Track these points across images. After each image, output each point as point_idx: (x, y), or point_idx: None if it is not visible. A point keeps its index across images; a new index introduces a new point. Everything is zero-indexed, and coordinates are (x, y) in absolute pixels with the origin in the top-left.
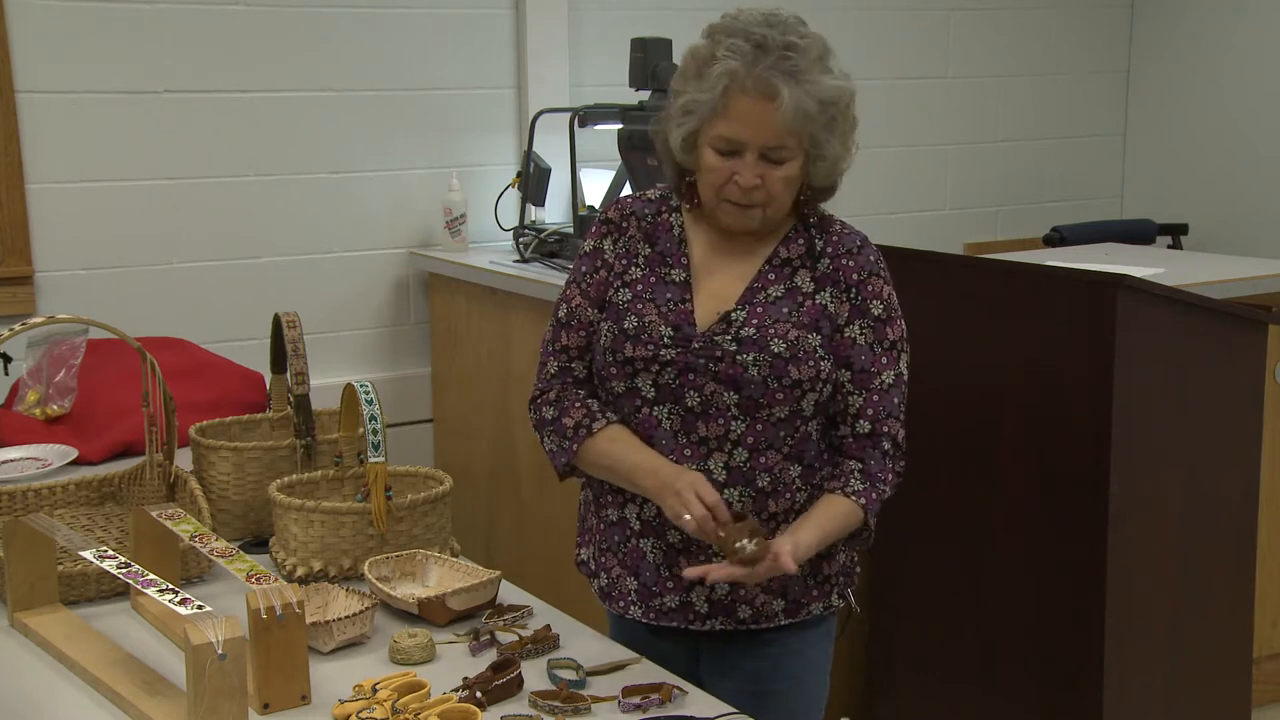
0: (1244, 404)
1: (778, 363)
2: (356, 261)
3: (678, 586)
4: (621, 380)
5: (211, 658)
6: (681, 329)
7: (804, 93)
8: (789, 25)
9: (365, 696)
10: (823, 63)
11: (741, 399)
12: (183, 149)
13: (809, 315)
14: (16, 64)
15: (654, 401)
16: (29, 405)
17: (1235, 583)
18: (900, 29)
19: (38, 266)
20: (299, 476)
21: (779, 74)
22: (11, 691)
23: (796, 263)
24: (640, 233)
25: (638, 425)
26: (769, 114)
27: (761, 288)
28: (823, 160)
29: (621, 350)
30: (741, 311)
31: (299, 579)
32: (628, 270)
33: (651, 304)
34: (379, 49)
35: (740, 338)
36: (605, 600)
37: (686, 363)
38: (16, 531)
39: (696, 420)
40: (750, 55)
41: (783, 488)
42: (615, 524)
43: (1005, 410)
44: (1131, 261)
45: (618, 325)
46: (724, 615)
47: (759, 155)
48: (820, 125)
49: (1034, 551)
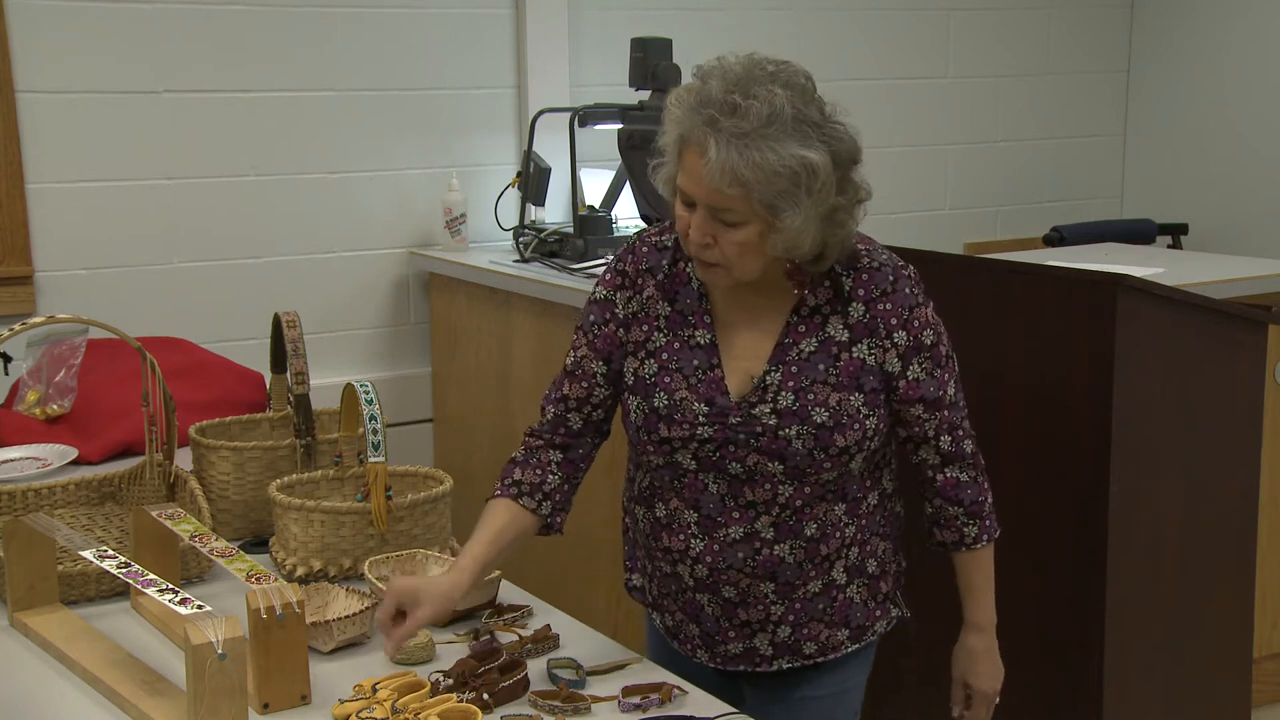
0: (1244, 404)
1: (822, 433)
2: (357, 261)
3: (739, 635)
4: (660, 456)
5: (211, 657)
6: (715, 402)
7: (739, 157)
8: (753, 78)
9: (365, 696)
10: (778, 128)
11: (788, 468)
12: (183, 149)
13: (847, 374)
14: (16, 64)
15: (698, 471)
16: (29, 405)
17: (1235, 583)
18: (900, 29)
19: (38, 266)
20: (299, 476)
21: (712, 131)
22: (12, 691)
23: (826, 309)
24: (658, 290)
25: (683, 490)
26: (703, 171)
27: (793, 343)
28: (781, 232)
29: (656, 431)
30: (776, 374)
31: (299, 579)
32: (650, 337)
33: (680, 375)
34: (379, 49)
35: (779, 409)
36: (672, 639)
37: (726, 437)
38: (16, 531)
39: (743, 486)
40: (692, 106)
41: (831, 529)
42: (670, 576)
43: (1005, 410)
44: (1131, 261)
45: (648, 403)
46: (790, 654)
47: (709, 213)
48: (773, 193)
49: (1034, 551)
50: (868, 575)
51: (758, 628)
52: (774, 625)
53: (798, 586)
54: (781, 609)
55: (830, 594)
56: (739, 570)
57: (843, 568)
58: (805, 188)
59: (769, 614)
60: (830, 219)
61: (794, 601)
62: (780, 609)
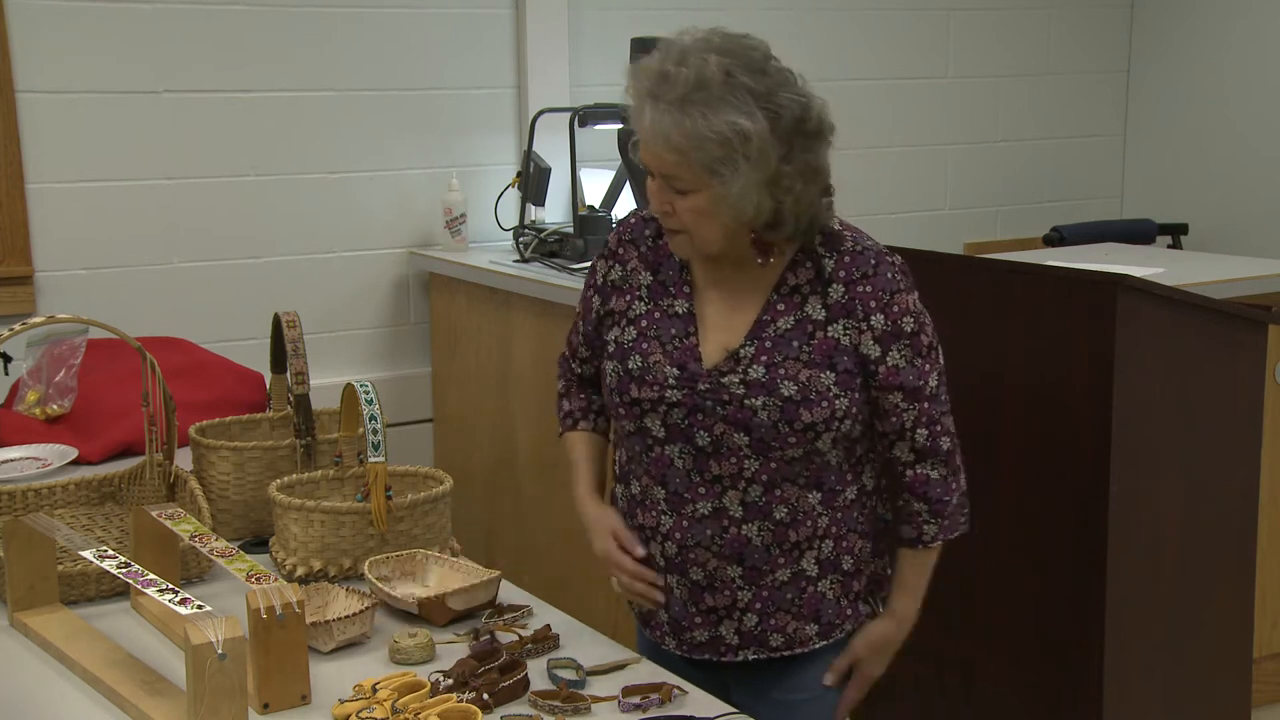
0: (1244, 404)
1: (788, 406)
2: (357, 261)
3: (706, 621)
4: (630, 420)
5: (211, 657)
6: (687, 368)
7: (671, 121)
8: (686, 51)
9: (365, 696)
10: (704, 94)
11: (752, 440)
12: (183, 149)
13: (820, 351)
14: (16, 64)
15: (665, 441)
16: (29, 405)
17: (1235, 583)
18: (900, 29)
19: (38, 266)
20: (299, 476)
21: (648, 100)
22: (12, 691)
23: (806, 289)
24: (640, 261)
25: (650, 464)
26: (645, 138)
27: (770, 320)
28: (725, 197)
29: (628, 391)
30: (750, 348)
31: (299, 579)
32: (631, 306)
33: (656, 341)
34: (379, 49)
35: (748, 380)
36: (645, 627)
37: (694, 404)
38: (16, 531)
39: (709, 459)
40: (633, 75)
41: (802, 516)
42: (643, 560)
43: (1005, 410)
44: (1131, 261)
45: (623, 365)
46: (756, 645)
47: (665, 182)
48: (710, 159)
49: (1034, 551)
50: (842, 572)
51: (724, 614)
52: (740, 613)
53: (765, 573)
54: (749, 595)
55: (799, 585)
56: (706, 549)
57: (814, 559)
58: (741, 153)
59: (735, 600)
60: (775, 185)
61: (761, 589)
62: (747, 595)
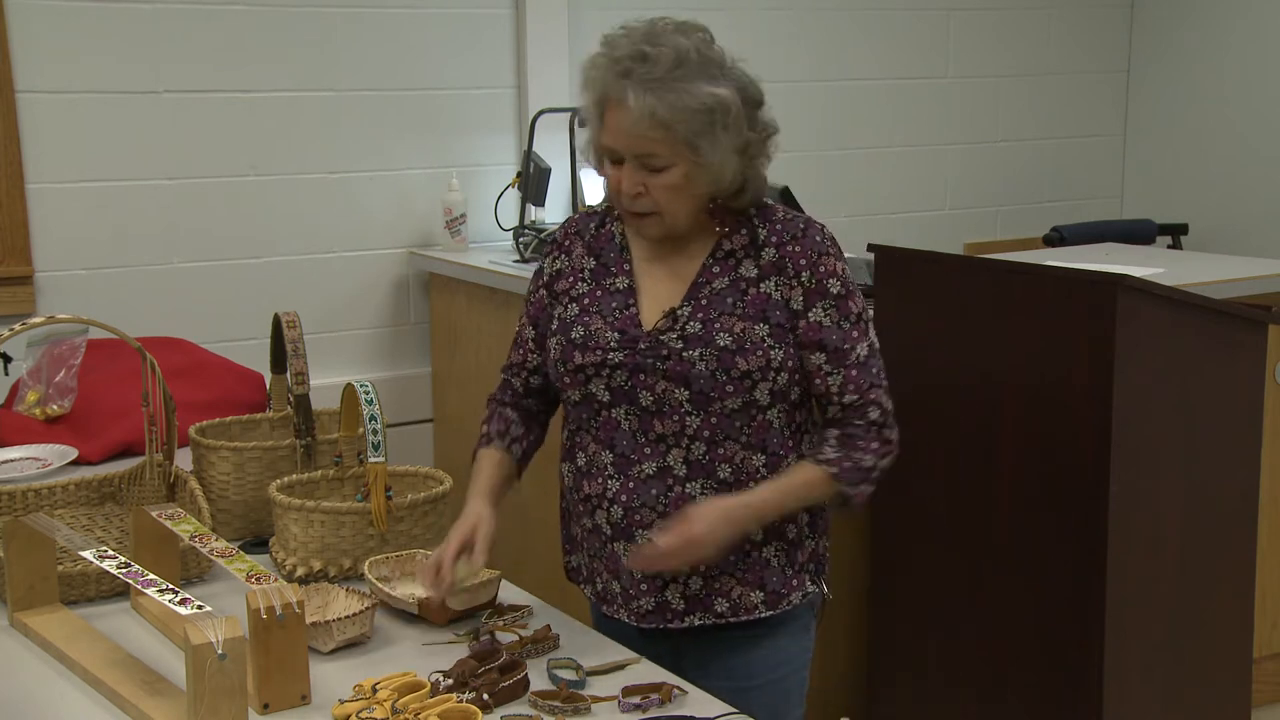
0: (1244, 404)
1: (724, 355)
2: (357, 261)
3: (651, 587)
4: (576, 388)
5: (211, 658)
6: (627, 331)
7: (656, 99)
8: (653, 34)
9: (365, 696)
10: (684, 71)
11: (692, 394)
12: (183, 149)
13: (754, 305)
14: (16, 64)
15: (610, 405)
16: (29, 405)
17: (1235, 583)
18: (900, 29)
19: (37, 266)
20: (299, 476)
21: (627, 81)
22: (12, 691)
23: (740, 253)
24: (584, 248)
25: (598, 429)
26: (626, 120)
27: (706, 281)
28: (704, 167)
29: (571, 359)
30: (687, 307)
31: (299, 579)
32: (574, 286)
33: (598, 315)
34: (379, 49)
35: (686, 335)
36: (601, 604)
37: (635, 364)
38: (16, 532)
39: (653, 419)
40: (605, 65)
41: (746, 478)
42: (592, 531)
43: (1005, 409)
44: (1131, 261)
45: (565, 337)
46: (701, 610)
47: (638, 163)
48: (691, 132)
49: (1034, 550)
50: (786, 540)
51: (669, 578)
52: (685, 575)
53: None
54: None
55: (743, 548)
56: (652, 509)
57: None
58: (720, 123)
59: None
60: (745, 153)
61: None
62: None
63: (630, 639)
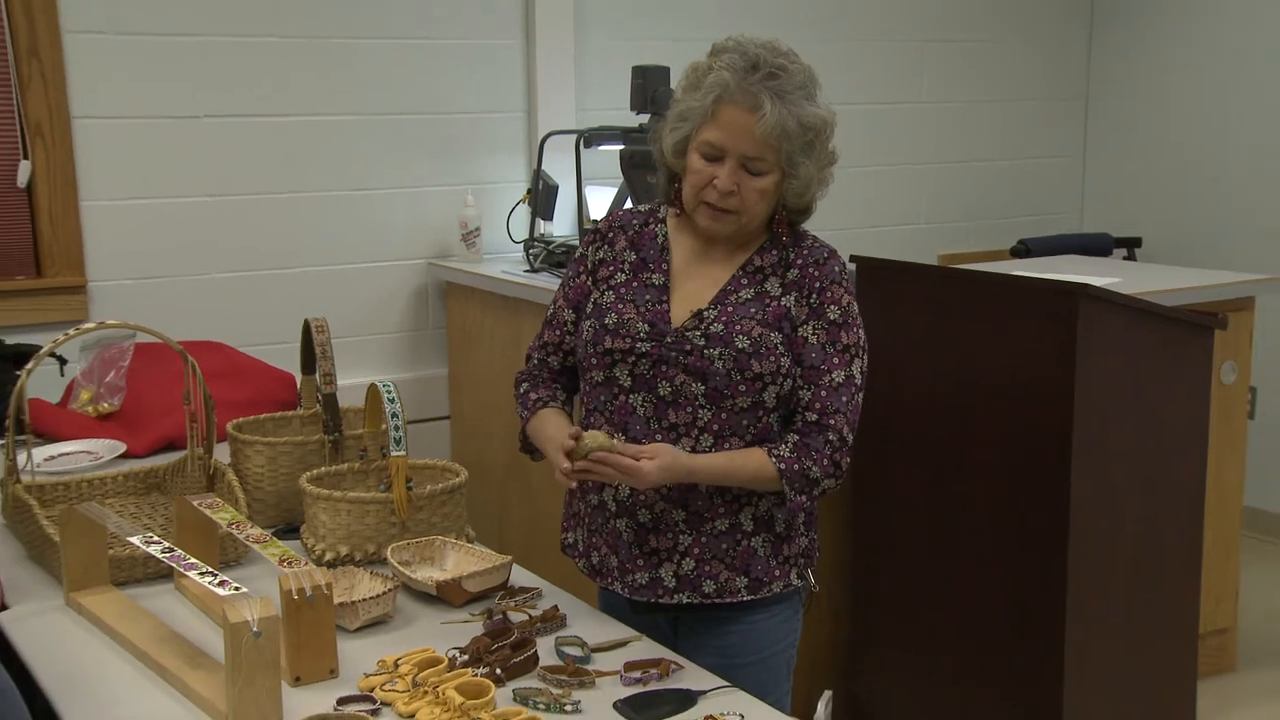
0: (1193, 402)
1: (741, 357)
2: (379, 271)
3: (648, 563)
4: (601, 370)
5: (248, 635)
6: (657, 325)
7: (786, 111)
8: (782, 52)
9: (388, 671)
10: (807, 90)
11: (708, 389)
12: (221, 169)
13: (773, 315)
14: (72, 92)
15: (630, 390)
16: (82, 403)
17: (1184, 566)
18: (881, 59)
19: (90, 276)
20: (327, 469)
21: (765, 90)
22: (68, 664)
23: (768, 270)
24: (627, 242)
25: (614, 411)
26: (751, 125)
27: (734, 290)
28: (796, 180)
29: (601, 343)
30: (713, 310)
31: (327, 563)
32: (613, 275)
33: (632, 304)
34: (401, 77)
35: (709, 334)
36: (595, 576)
37: (660, 355)
38: (71, 519)
39: (667, 408)
40: (741, 70)
41: None
42: (597, 507)
43: (976, 408)
44: (1091, 272)
45: (599, 321)
46: (690, 589)
47: (739, 163)
48: (798, 146)
49: (1002, 540)
50: (774, 533)
51: (665, 556)
52: (680, 556)
53: (706, 519)
54: (689, 539)
55: (735, 537)
56: (656, 491)
57: (750, 515)
58: (817, 143)
59: (677, 543)
60: (822, 173)
61: (700, 535)
62: (687, 539)
63: (623, 612)
